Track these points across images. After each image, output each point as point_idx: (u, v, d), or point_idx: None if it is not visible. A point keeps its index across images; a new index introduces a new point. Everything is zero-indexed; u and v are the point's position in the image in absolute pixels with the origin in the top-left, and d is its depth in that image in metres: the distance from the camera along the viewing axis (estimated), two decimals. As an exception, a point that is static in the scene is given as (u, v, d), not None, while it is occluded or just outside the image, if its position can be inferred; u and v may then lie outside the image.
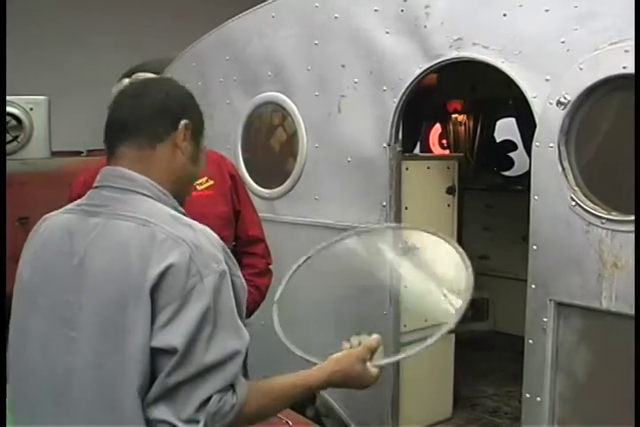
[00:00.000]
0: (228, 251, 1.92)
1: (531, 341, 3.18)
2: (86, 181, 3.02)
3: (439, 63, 3.48)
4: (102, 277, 1.78)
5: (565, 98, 2.95)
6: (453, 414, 4.59)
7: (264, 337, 2.35)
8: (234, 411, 1.74)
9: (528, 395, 3.22)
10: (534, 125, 3.11)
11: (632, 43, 2.75)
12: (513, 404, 4.77)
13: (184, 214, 1.95)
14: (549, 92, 3.02)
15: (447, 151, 7.31)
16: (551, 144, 3.02)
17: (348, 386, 2.06)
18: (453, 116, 7.18)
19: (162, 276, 1.71)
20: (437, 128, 7.58)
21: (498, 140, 7.31)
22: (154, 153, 1.94)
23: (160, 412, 1.72)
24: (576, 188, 2.98)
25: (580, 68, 2.91)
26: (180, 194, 2.04)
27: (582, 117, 2.98)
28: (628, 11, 2.78)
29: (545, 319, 3.10)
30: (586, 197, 2.96)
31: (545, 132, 3.05)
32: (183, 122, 1.97)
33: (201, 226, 1.88)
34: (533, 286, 3.15)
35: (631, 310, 2.82)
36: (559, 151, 3.00)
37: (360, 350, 2.11)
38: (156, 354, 1.72)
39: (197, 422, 1.70)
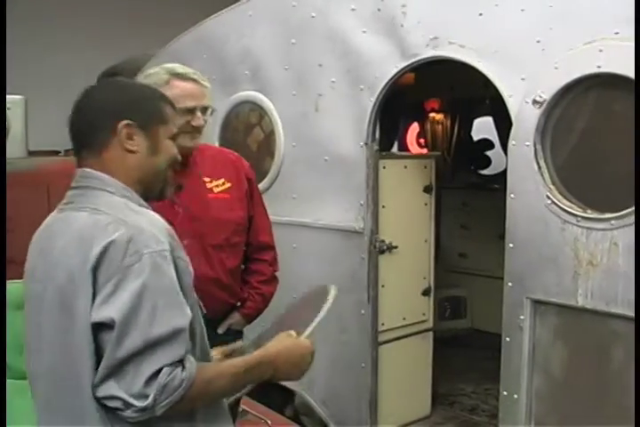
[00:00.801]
0: (175, 235, 1.98)
1: (508, 338, 3.20)
2: None
3: (416, 62, 3.49)
4: (57, 263, 1.87)
5: (541, 97, 2.97)
6: (432, 413, 4.60)
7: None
8: (183, 386, 1.74)
9: (505, 393, 3.24)
10: (511, 124, 3.13)
11: (606, 42, 2.77)
12: (491, 402, 4.78)
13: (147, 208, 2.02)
14: (525, 91, 3.04)
15: (425, 150, 7.32)
16: (527, 143, 3.04)
17: (289, 359, 2.07)
18: (431, 115, 7.20)
19: (102, 254, 1.77)
20: (415, 127, 7.59)
21: (475, 138, 7.34)
22: (106, 157, 1.99)
23: (109, 388, 1.74)
24: (552, 186, 3.00)
25: (556, 68, 2.93)
26: (153, 187, 2.09)
27: (558, 116, 3.00)
28: (601, 11, 2.80)
29: (522, 317, 3.11)
30: (561, 195, 2.98)
31: (521, 130, 3.06)
32: (121, 124, 1.99)
33: (149, 212, 1.96)
34: (510, 283, 3.16)
35: (607, 308, 2.85)
36: (535, 150, 3.02)
37: (283, 334, 2.13)
38: (98, 331, 1.77)
39: (147, 396, 1.71)
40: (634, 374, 2.53)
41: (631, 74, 2.68)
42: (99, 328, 1.77)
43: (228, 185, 3.20)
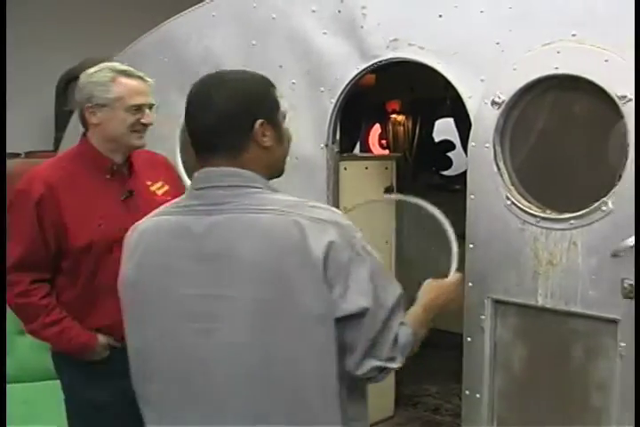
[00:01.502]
0: None
1: (469, 338, 3.22)
2: (48, 180, 2.97)
3: (376, 64, 3.49)
4: (253, 268, 1.89)
5: (500, 98, 2.98)
6: (395, 413, 4.62)
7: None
8: (411, 340, 2.02)
9: (468, 392, 3.25)
10: (471, 125, 3.14)
11: (563, 44, 2.80)
12: (454, 401, 4.81)
13: None
14: (484, 93, 3.06)
15: (387, 151, 7.35)
16: (487, 144, 3.05)
17: (446, 295, 2.58)
18: (392, 116, 7.22)
19: (326, 255, 1.85)
20: (377, 128, 7.62)
21: (436, 139, 7.38)
22: (245, 157, 2.01)
23: (367, 363, 1.95)
24: (511, 187, 3.02)
25: (514, 69, 2.95)
26: (276, 172, 2.14)
27: (516, 117, 3.02)
28: (559, 13, 2.83)
29: (482, 317, 3.13)
30: (521, 195, 3.00)
31: (480, 131, 3.08)
32: (258, 122, 2.02)
33: (319, 204, 2.04)
34: (470, 284, 3.18)
35: (566, 307, 2.88)
36: (494, 151, 3.04)
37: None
38: (343, 322, 1.89)
39: (394, 358, 1.98)
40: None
41: (587, 75, 2.71)
42: (343, 320, 1.89)
43: (166, 188, 3.26)
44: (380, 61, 3.47)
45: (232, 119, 2.00)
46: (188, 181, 4.43)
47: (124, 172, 3.11)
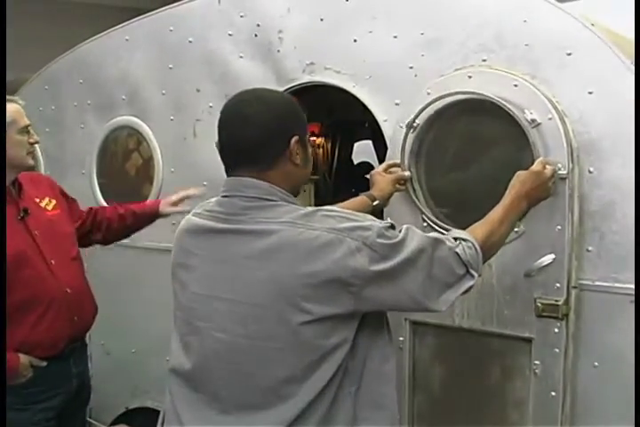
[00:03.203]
0: None
1: (389, 360, 3.23)
2: None
3: (292, 87, 3.51)
4: (270, 277, 1.99)
5: (414, 121, 3.02)
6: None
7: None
8: (476, 249, 2.20)
9: (388, 413, 3.26)
10: (386, 148, 3.18)
11: (474, 69, 2.87)
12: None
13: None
14: (399, 116, 3.10)
15: (306, 173, 7.36)
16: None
17: (532, 186, 2.57)
18: (312, 138, 7.25)
19: (342, 263, 1.98)
20: (297, 151, 7.64)
21: (355, 161, 7.43)
22: (276, 172, 2.09)
23: (447, 298, 2.16)
24: (426, 209, 3.06)
25: (428, 93, 2.99)
26: (294, 194, 2.19)
27: (431, 140, 3.07)
28: (469, 39, 2.90)
29: (401, 338, 3.15)
30: (436, 217, 3.04)
31: (396, 154, 3.12)
32: (293, 139, 2.08)
33: (332, 210, 2.11)
34: (389, 305, 3.19)
35: (482, 326, 2.92)
36: (410, 173, 3.08)
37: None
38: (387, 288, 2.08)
39: (465, 275, 2.19)
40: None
41: (497, 99, 2.77)
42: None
43: (54, 202, 3.36)
44: (297, 85, 3.50)
45: (273, 133, 2.08)
46: (102, 202, 4.40)
47: (13, 193, 3.14)
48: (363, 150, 7.29)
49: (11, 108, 3.10)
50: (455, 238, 2.23)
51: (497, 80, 2.81)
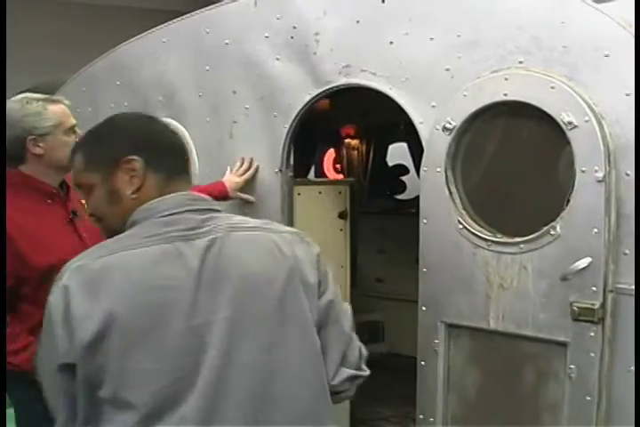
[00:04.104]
0: None
1: (423, 362, 3.23)
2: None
3: (328, 90, 3.52)
4: (263, 283, 1.90)
5: (451, 123, 3.02)
6: (350, 438, 4.60)
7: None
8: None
9: (422, 416, 3.26)
10: (423, 150, 3.18)
11: (511, 71, 2.85)
12: (410, 425, 4.79)
13: None
14: (435, 118, 3.10)
15: (341, 175, 7.37)
16: (438, 169, 3.09)
17: None
18: (347, 140, 7.25)
19: (317, 262, 2.04)
20: (331, 153, 7.64)
21: (390, 164, 7.42)
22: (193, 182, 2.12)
23: (344, 373, 2.05)
24: (463, 211, 3.05)
25: (464, 95, 2.99)
26: None
27: (467, 143, 3.06)
28: (507, 41, 2.88)
29: (436, 341, 3.15)
30: (472, 220, 3.03)
31: (432, 156, 3.11)
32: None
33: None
34: (424, 307, 3.20)
35: (517, 330, 2.90)
36: (446, 176, 3.07)
37: None
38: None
39: (362, 367, 2.14)
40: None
41: (534, 101, 2.76)
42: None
43: None
44: (333, 87, 3.50)
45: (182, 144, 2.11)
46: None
47: (62, 195, 3.16)
48: (397, 152, 7.28)
49: (57, 109, 3.10)
50: None
51: (534, 82, 2.80)
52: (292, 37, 3.64)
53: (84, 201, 3.27)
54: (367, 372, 2.10)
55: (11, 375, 3.09)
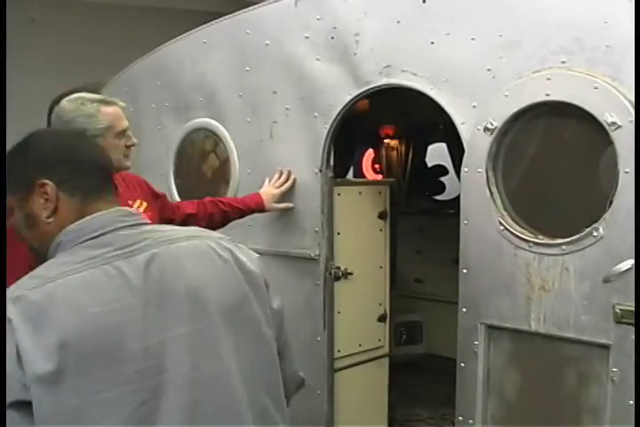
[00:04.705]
0: None
1: (463, 364, 3.22)
2: None
3: (369, 90, 3.52)
4: (211, 292, 1.80)
5: (492, 124, 3.01)
6: (388, 438, 4.59)
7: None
8: None
9: (461, 418, 3.25)
10: (464, 151, 3.16)
11: (553, 71, 2.83)
12: (447, 427, 4.79)
13: None
14: (477, 119, 3.08)
15: (380, 176, 7.37)
16: (479, 169, 3.07)
17: None
18: (386, 141, 7.25)
19: (261, 266, 1.95)
20: (370, 153, 7.64)
21: (429, 164, 7.40)
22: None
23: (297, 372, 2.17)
24: (504, 212, 3.03)
25: (506, 95, 2.97)
26: None
27: (509, 143, 3.04)
28: (549, 41, 2.86)
29: (476, 342, 3.13)
30: (513, 221, 3.02)
31: (473, 157, 3.10)
32: None
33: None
34: (464, 309, 3.18)
35: (559, 332, 2.88)
36: (487, 176, 3.06)
37: None
38: None
39: None
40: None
41: (577, 102, 2.74)
42: None
43: (145, 204, 3.39)
44: (373, 87, 3.50)
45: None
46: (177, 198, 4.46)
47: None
48: (436, 153, 7.26)
49: (110, 111, 3.11)
50: None
51: (576, 82, 2.78)
52: (332, 38, 3.65)
53: (130, 202, 3.31)
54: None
55: None
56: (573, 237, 2.82)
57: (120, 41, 9.17)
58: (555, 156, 3.04)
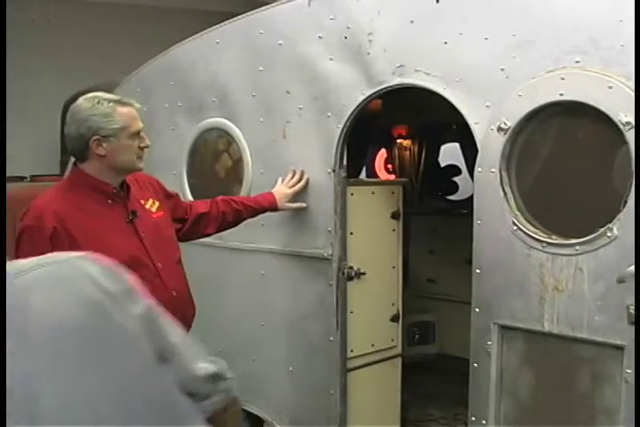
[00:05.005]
0: None
1: (475, 364, 3.21)
2: (57, 212, 3.02)
3: (382, 90, 3.52)
4: (70, 328, 1.51)
5: (506, 124, 3.00)
6: (401, 438, 4.59)
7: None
8: None
9: (474, 418, 3.24)
10: (477, 151, 3.16)
11: (567, 71, 2.82)
12: (459, 427, 4.79)
13: None
14: (490, 119, 3.08)
15: (393, 176, 7.36)
16: (493, 169, 3.07)
17: None
18: (398, 141, 7.24)
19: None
20: (383, 153, 7.64)
21: (442, 164, 7.39)
22: None
23: None
24: (517, 212, 3.03)
25: (519, 95, 2.96)
26: None
27: (522, 143, 3.03)
28: (562, 41, 2.85)
29: (489, 342, 3.13)
30: (527, 221, 3.01)
31: (486, 157, 3.09)
32: None
33: None
34: (477, 309, 3.18)
35: (572, 333, 2.87)
36: (500, 176, 3.05)
37: None
38: None
39: None
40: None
41: (591, 101, 2.73)
42: None
43: (157, 203, 3.40)
44: (387, 87, 3.50)
45: None
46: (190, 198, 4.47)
47: (122, 195, 3.21)
48: (449, 153, 7.25)
49: (125, 112, 3.12)
50: None
51: (590, 82, 2.76)
52: (345, 37, 3.65)
53: (142, 201, 3.33)
54: None
55: None
56: (587, 238, 2.81)
57: (133, 41, 9.23)
58: (568, 156, 3.03)
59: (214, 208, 3.71)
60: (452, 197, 7.26)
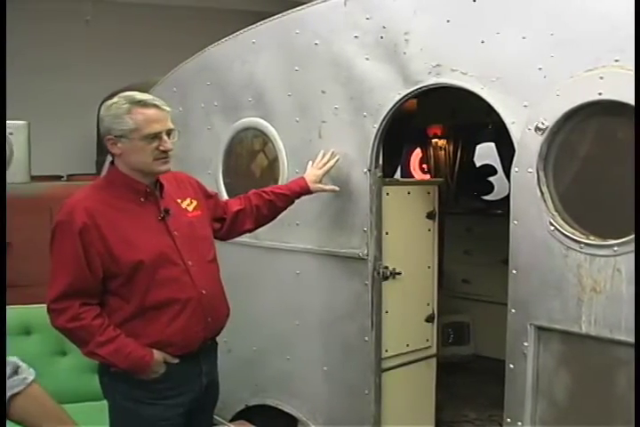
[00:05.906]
0: None
1: (511, 365, 3.19)
2: (88, 208, 3.05)
3: (418, 89, 3.51)
4: None
5: (543, 124, 2.98)
6: (435, 439, 4.58)
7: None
8: None
9: (509, 420, 3.22)
10: (513, 150, 3.14)
11: (606, 70, 2.79)
12: (494, 428, 4.77)
13: None
14: (527, 118, 3.05)
15: (428, 175, 7.35)
16: (530, 169, 3.04)
17: None
18: (434, 140, 7.23)
19: None
20: (418, 153, 7.63)
21: (478, 164, 7.36)
22: None
23: None
24: (555, 212, 3.00)
25: (557, 95, 2.94)
26: None
27: (560, 143, 3.01)
28: (601, 39, 2.82)
29: (525, 344, 3.10)
30: (564, 221, 2.98)
31: (523, 157, 3.07)
32: None
33: None
34: (513, 310, 3.16)
35: (610, 334, 2.84)
36: (538, 176, 3.03)
37: None
38: None
39: None
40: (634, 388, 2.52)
41: (631, 101, 2.70)
42: None
43: (195, 203, 3.40)
44: (423, 87, 3.49)
45: None
46: (226, 197, 4.49)
47: (156, 193, 3.23)
48: (484, 153, 7.22)
49: (141, 114, 3.07)
50: None
51: (630, 81, 2.73)
52: (381, 37, 3.64)
53: (179, 200, 3.36)
54: None
55: (113, 377, 3.19)
56: (626, 239, 2.78)
57: (169, 41, 9.29)
58: (606, 156, 3.00)
59: (247, 203, 3.72)
60: (487, 197, 7.24)
